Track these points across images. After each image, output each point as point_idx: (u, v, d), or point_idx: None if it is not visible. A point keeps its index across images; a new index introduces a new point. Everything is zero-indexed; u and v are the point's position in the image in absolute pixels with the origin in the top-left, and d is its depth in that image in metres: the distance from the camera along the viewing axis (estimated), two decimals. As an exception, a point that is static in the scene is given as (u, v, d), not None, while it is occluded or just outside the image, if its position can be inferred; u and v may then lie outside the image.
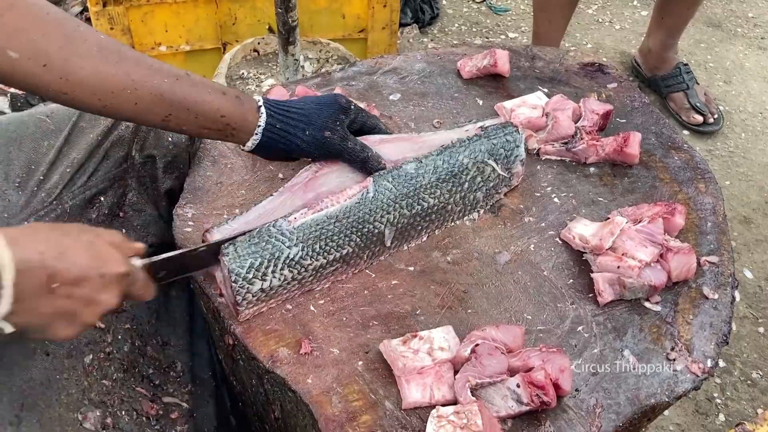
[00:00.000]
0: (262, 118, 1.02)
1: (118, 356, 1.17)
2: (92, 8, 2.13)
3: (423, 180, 1.06)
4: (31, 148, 1.11)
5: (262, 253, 0.95)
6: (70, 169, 1.12)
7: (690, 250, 1.05)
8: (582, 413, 0.91)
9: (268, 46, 2.10)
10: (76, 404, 1.06)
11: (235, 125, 1.01)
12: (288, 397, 0.95)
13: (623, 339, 1.00)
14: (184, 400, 1.23)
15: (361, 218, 1.02)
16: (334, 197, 1.01)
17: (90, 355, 1.12)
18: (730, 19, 3.08)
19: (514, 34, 2.95)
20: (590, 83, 1.41)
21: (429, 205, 1.07)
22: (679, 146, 1.28)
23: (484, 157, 1.11)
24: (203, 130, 1.00)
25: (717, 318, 1.03)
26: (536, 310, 1.03)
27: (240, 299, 0.96)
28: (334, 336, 0.98)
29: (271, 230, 0.97)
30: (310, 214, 0.99)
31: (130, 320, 1.21)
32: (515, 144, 1.14)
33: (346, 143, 1.06)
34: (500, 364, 0.90)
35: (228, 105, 0.99)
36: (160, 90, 0.94)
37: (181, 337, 1.30)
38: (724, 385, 1.80)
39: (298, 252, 0.97)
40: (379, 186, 1.03)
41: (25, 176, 1.09)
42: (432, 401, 0.90)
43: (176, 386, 1.23)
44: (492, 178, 1.13)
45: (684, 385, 0.96)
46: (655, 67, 2.59)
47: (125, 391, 1.15)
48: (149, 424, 1.16)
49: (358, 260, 1.05)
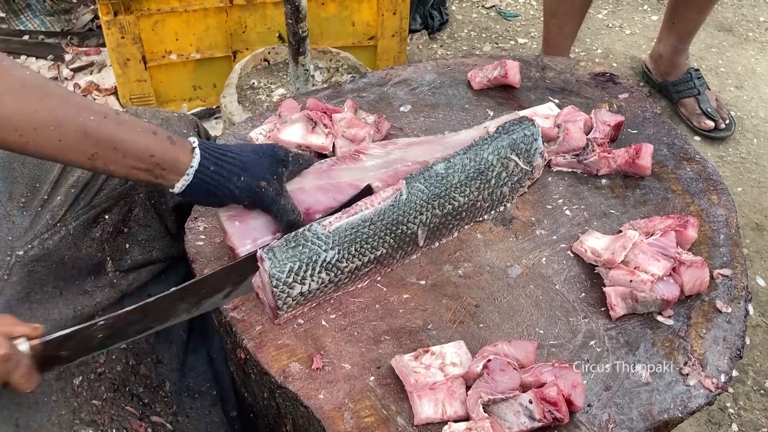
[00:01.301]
0: (195, 159, 0.99)
1: (110, 376, 1.17)
2: (103, 17, 2.15)
3: (453, 179, 1.08)
4: (34, 164, 1.11)
5: (300, 257, 0.97)
6: (75, 189, 1.12)
7: (703, 263, 1.04)
8: (595, 429, 0.91)
9: (278, 55, 2.11)
10: (69, 424, 1.06)
11: (165, 165, 0.97)
12: (300, 412, 0.95)
13: (636, 353, 0.99)
14: (168, 420, 1.23)
15: (395, 220, 1.04)
16: (368, 200, 1.03)
17: (80, 377, 1.12)
18: (742, 23, 3.06)
19: (524, 40, 2.95)
20: (601, 93, 1.40)
21: (460, 203, 1.10)
22: (692, 157, 1.28)
23: (507, 153, 1.13)
24: (132, 170, 0.96)
25: (730, 332, 1.02)
26: (548, 324, 1.02)
27: (281, 303, 0.98)
28: (346, 351, 0.98)
29: (307, 234, 0.98)
30: (344, 218, 1.01)
31: None
32: (533, 137, 1.16)
33: (279, 199, 1.04)
34: (512, 380, 0.90)
35: (158, 145, 0.96)
36: (85, 127, 0.90)
37: (175, 356, 1.30)
38: (737, 394, 1.79)
39: (335, 255, 0.99)
40: (412, 188, 1.05)
41: (30, 195, 1.09)
42: (444, 417, 0.90)
43: (163, 406, 1.24)
44: (516, 173, 1.15)
45: (697, 400, 0.95)
46: (666, 72, 2.58)
47: (115, 410, 1.15)
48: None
49: (391, 260, 1.07)
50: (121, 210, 1.19)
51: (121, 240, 1.20)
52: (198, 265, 1.08)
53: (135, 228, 1.21)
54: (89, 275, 1.15)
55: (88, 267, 1.14)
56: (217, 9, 2.21)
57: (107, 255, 1.17)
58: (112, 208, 1.17)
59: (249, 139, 1.25)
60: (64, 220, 1.10)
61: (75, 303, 1.12)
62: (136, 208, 1.21)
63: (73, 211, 1.12)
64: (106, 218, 1.16)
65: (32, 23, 2.85)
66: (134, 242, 1.21)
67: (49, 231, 1.08)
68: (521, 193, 1.19)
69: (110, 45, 2.22)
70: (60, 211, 1.10)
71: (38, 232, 1.07)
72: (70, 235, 1.11)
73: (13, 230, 1.05)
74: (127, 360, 1.21)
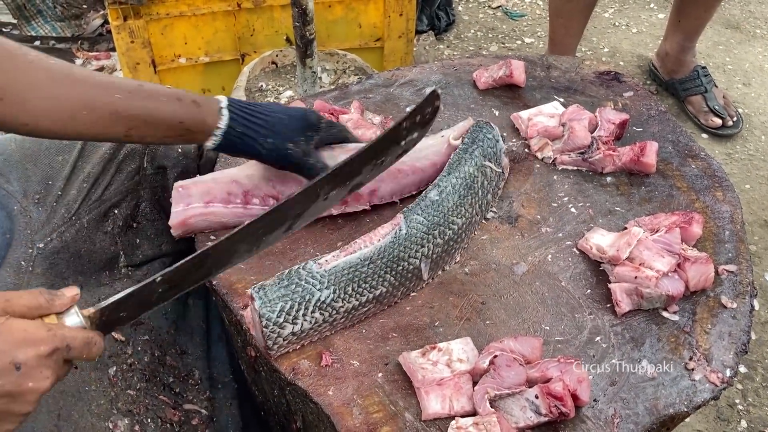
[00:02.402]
0: (223, 120, 1.03)
1: (140, 366, 1.19)
2: (113, 22, 2.17)
3: (448, 203, 1.06)
4: (46, 163, 1.14)
5: (293, 296, 0.95)
6: (86, 183, 1.15)
7: (707, 259, 1.05)
8: (600, 423, 0.92)
9: (285, 58, 2.13)
10: (106, 413, 1.09)
11: (195, 128, 1.02)
12: (310, 408, 0.97)
13: (641, 349, 1.00)
14: (203, 406, 1.25)
15: (396, 257, 1.01)
16: (366, 238, 1.01)
17: (113, 367, 1.15)
18: (749, 20, 3.06)
19: (530, 39, 2.95)
20: (606, 92, 1.41)
21: (459, 226, 1.08)
22: (696, 154, 1.28)
23: (482, 161, 1.13)
24: (165, 138, 1.02)
25: (736, 327, 1.03)
26: (554, 320, 1.04)
27: (271, 344, 0.96)
28: (354, 348, 1.00)
29: (301, 273, 0.96)
30: (342, 257, 0.98)
31: (148, 332, 1.24)
32: (495, 139, 1.17)
33: (307, 159, 1.06)
34: (519, 376, 0.91)
35: (184, 110, 1.00)
36: (115, 107, 0.95)
37: (199, 345, 1.32)
38: (746, 391, 1.79)
39: (330, 294, 0.97)
40: (410, 221, 1.03)
41: (44, 192, 1.12)
42: (451, 412, 0.91)
43: (195, 393, 1.26)
44: (492, 177, 1.15)
45: (703, 395, 0.96)
46: (673, 70, 2.58)
47: (149, 400, 1.18)
48: (173, 430, 1.19)
49: (392, 299, 1.04)
50: (129, 205, 1.21)
51: (132, 235, 1.22)
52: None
53: (143, 223, 1.24)
54: (104, 269, 1.18)
55: (102, 261, 1.17)
56: (225, 12, 2.23)
57: (120, 249, 1.20)
58: (120, 203, 1.20)
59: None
60: (78, 213, 1.13)
61: (97, 293, 1.15)
62: (143, 203, 1.24)
63: (86, 205, 1.15)
64: (116, 212, 1.19)
65: (43, 29, 2.88)
66: (144, 237, 1.24)
67: (66, 224, 1.11)
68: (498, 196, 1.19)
69: (120, 49, 2.24)
70: (74, 204, 1.13)
71: (55, 225, 1.11)
72: (85, 229, 1.14)
73: (31, 224, 1.09)
74: (153, 351, 1.23)
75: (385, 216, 1.17)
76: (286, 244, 1.13)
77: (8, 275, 1.05)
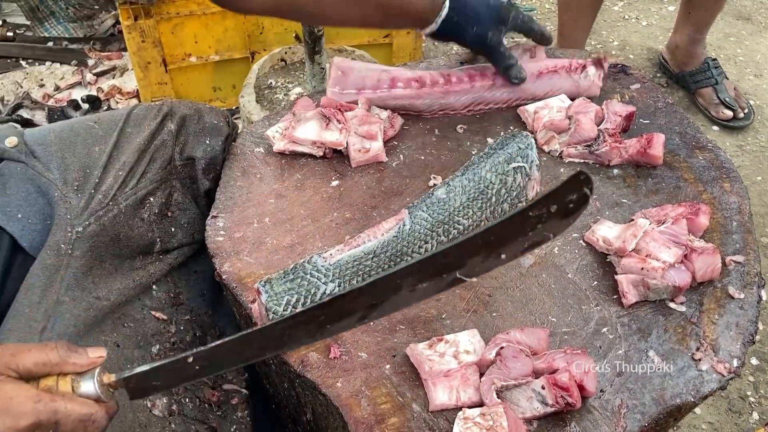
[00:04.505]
0: (444, 11, 1.22)
1: (182, 346, 1.22)
2: (124, 22, 2.20)
3: (455, 202, 1.07)
4: (84, 153, 1.17)
5: (298, 290, 0.96)
6: (122, 172, 1.18)
7: (714, 250, 1.05)
8: (607, 414, 0.93)
9: (294, 55, 2.14)
10: None
11: (426, 17, 1.23)
12: (319, 400, 0.98)
13: (648, 340, 1.01)
14: (242, 386, 1.27)
15: (399, 251, 1.02)
16: (370, 232, 1.02)
17: (157, 345, 1.17)
18: (761, 11, 3.04)
19: (540, 34, 2.95)
20: (613, 84, 1.41)
21: (464, 227, 1.08)
22: (704, 146, 1.28)
23: (504, 169, 1.11)
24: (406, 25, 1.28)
25: (743, 318, 1.03)
26: (561, 312, 1.04)
27: None
28: (362, 340, 1.01)
29: (306, 267, 0.98)
30: (346, 251, 0.99)
31: (189, 312, 1.27)
32: (528, 149, 1.14)
33: (500, 48, 1.27)
34: (525, 367, 0.92)
35: (422, 3, 1.21)
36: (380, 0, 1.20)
37: (236, 329, 1.34)
38: (757, 383, 1.78)
39: (335, 288, 0.98)
40: (415, 217, 1.04)
41: (82, 179, 1.15)
42: (458, 403, 0.92)
43: (234, 373, 1.28)
44: (514, 188, 1.14)
45: (710, 385, 0.96)
46: (683, 62, 2.57)
47: None
48: (211, 410, 1.20)
49: None
50: (163, 194, 1.24)
51: (167, 223, 1.25)
52: (219, 259, 1.12)
53: (176, 212, 1.27)
54: (140, 254, 1.21)
55: (139, 247, 1.20)
56: (234, 11, 2.25)
57: (156, 236, 1.23)
58: (155, 191, 1.22)
59: (266, 137, 1.29)
60: (115, 199, 1.16)
61: (132, 275, 1.18)
62: (176, 193, 1.26)
63: (122, 192, 1.17)
64: (151, 200, 1.22)
65: (56, 30, 2.91)
66: (178, 226, 1.27)
67: (104, 209, 1.14)
68: None
69: (131, 49, 2.27)
70: (111, 191, 1.16)
71: (93, 210, 1.13)
72: (122, 214, 1.16)
73: (70, 210, 1.11)
74: (194, 331, 1.25)
75: (392, 210, 1.18)
76: (295, 239, 1.14)
77: (48, 257, 1.08)
